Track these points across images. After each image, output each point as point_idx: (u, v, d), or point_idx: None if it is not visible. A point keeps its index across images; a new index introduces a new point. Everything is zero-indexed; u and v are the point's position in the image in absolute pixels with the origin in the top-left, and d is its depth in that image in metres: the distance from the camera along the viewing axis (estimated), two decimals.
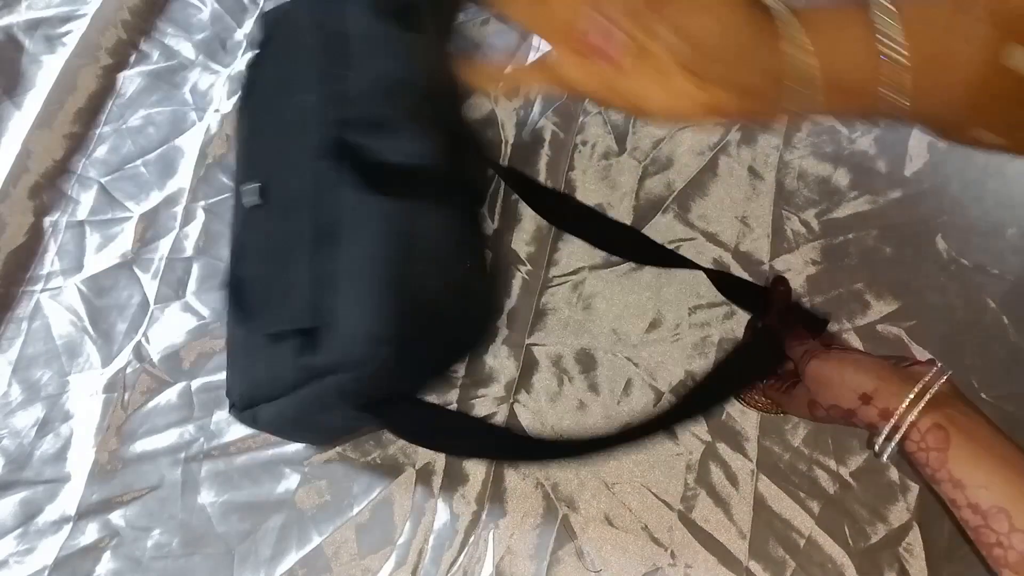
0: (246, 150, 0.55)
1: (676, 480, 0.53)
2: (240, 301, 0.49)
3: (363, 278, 0.45)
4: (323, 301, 0.45)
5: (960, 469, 0.39)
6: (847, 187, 0.61)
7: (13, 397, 0.59)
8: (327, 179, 0.48)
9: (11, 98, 0.69)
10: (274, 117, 0.53)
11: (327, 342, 0.44)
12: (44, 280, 0.62)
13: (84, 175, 0.66)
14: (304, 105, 0.50)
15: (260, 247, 0.49)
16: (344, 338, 0.44)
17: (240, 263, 0.50)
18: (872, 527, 0.52)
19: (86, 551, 0.54)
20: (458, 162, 0.51)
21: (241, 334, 0.49)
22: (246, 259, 0.50)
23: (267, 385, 0.47)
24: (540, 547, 0.52)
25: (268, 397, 0.46)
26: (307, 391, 0.45)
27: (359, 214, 0.47)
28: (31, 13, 0.72)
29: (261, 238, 0.50)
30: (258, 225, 0.50)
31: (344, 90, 0.50)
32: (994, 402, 0.54)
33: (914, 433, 0.40)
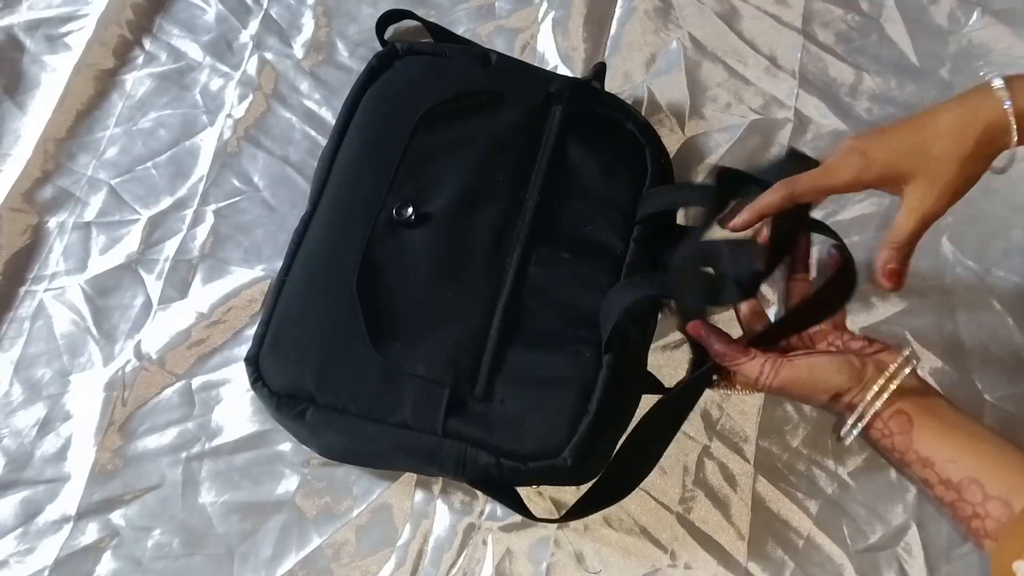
0: (407, 163, 0.54)
1: (674, 482, 0.54)
2: (374, 312, 0.48)
3: (576, 391, 0.46)
4: (518, 385, 0.47)
5: (927, 447, 0.39)
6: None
7: (14, 396, 0.59)
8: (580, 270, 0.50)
9: (13, 98, 0.69)
10: (461, 146, 0.54)
11: (493, 422, 0.46)
12: (48, 280, 0.63)
13: (94, 176, 0.66)
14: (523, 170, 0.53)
15: (413, 269, 0.50)
16: (535, 434, 0.46)
17: (378, 277, 0.50)
18: (871, 527, 0.52)
19: (86, 551, 0.54)
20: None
21: (356, 341, 0.48)
22: (388, 277, 0.50)
23: (369, 404, 0.47)
24: (539, 549, 0.52)
25: (363, 415, 0.47)
26: (429, 441, 0.46)
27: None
28: (32, 13, 0.72)
29: (413, 259, 0.50)
30: (411, 244, 0.51)
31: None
32: (997, 403, 0.54)
33: (877, 422, 0.41)
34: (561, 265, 0.51)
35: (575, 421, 0.46)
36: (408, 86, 0.58)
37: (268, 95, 0.69)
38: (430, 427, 0.46)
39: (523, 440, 0.46)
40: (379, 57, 0.59)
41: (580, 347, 0.48)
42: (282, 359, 0.50)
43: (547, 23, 0.70)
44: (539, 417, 0.46)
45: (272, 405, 0.49)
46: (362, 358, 0.48)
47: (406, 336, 0.48)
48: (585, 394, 0.46)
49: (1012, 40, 0.67)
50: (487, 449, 0.46)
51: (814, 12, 0.69)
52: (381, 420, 0.47)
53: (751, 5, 0.70)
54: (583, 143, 0.55)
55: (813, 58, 0.67)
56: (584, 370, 0.47)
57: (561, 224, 0.52)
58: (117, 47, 0.71)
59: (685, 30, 0.69)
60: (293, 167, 0.66)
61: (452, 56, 0.59)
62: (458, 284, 0.50)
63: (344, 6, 0.73)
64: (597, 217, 0.52)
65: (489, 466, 0.46)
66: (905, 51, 0.67)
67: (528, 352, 0.48)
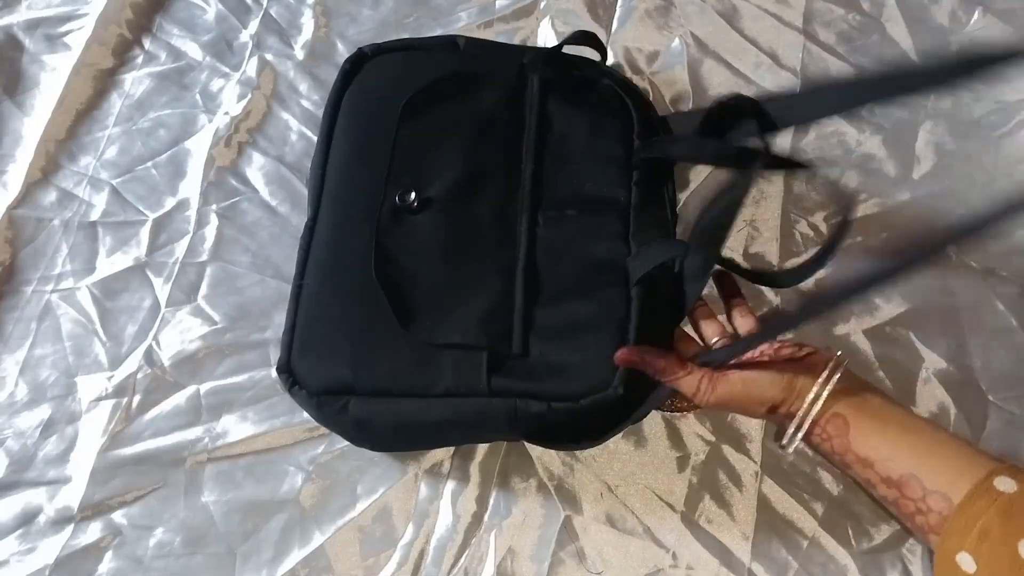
0: (401, 151, 0.54)
1: (679, 482, 0.53)
2: (397, 295, 0.49)
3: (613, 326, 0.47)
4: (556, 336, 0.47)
5: (864, 447, 0.40)
6: (855, 191, 0.61)
7: (19, 397, 0.58)
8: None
9: (12, 98, 0.69)
10: (452, 125, 0.54)
11: (537, 373, 0.46)
12: (55, 280, 0.62)
13: (95, 176, 0.66)
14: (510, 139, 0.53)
15: (425, 251, 0.50)
16: (581, 374, 0.46)
17: (393, 265, 0.50)
18: (875, 528, 0.52)
19: (88, 550, 0.53)
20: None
21: (384, 326, 0.48)
22: (403, 263, 0.50)
23: (410, 381, 0.47)
24: (542, 548, 0.52)
25: (406, 393, 0.47)
26: (477, 403, 0.46)
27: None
28: (31, 13, 0.72)
29: (423, 242, 0.51)
30: (419, 228, 0.51)
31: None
32: (1000, 403, 0.54)
33: (816, 428, 0.41)
34: (569, 222, 0.51)
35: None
36: (385, 82, 0.58)
37: (267, 95, 0.69)
38: (476, 389, 0.47)
39: (570, 382, 0.46)
40: (350, 61, 0.59)
41: (605, 290, 0.49)
42: (314, 359, 0.50)
43: (547, 23, 0.70)
44: (581, 358, 0.47)
45: (313, 406, 0.49)
46: (393, 341, 0.48)
47: (433, 314, 0.49)
48: (621, 329, 0.47)
49: (1013, 39, 0.67)
50: (536, 397, 0.46)
51: (815, 11, 0.69)
52: (425, 394, 0.47)
53: (752, 4, 0.70)
54: (566, 106, 0.56)
55: (814, 58, 0.67)
56: (614, 309, 0.48)
57: (561, 186, 0.53)
58: (117, 47, 0.71)
59: (687, 29, 0.69)
60: (290, 168, 0.66)
61: (421, 47, 0.59)
62: (473, 259, 0.50)
63: (344, 6, 0.73)
64: (594, 173, 0.53)
65: (542, 413, 0.46)
66: (906, 50, 0.67)
67: (556, 306, 0.49)
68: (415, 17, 0.72)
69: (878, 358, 0.56)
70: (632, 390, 0.46)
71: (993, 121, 0.64)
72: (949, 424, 0.54)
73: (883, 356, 0.56)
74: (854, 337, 0.57)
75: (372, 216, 0.51)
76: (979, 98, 0.65)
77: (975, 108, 0.65)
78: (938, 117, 0.64)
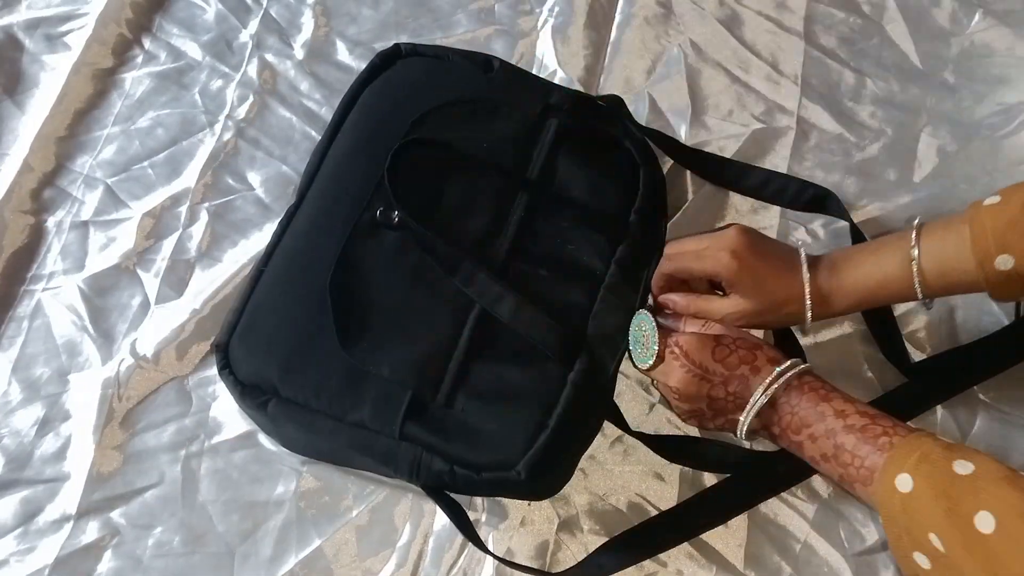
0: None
1: (671, 488, 0.54)
2: (345, 310, 0.49)
3: (538, 404, 0.47)
4: (479, 401, 0.47)
5: (808, 427, 0.44)
6: (856, 195, 0.62)
7: (13, 396, 0.59)
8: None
9: (12, 97, 0.69)
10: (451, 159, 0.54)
11: (451, 430, 0.46)
12: (45, 279, 0.63)
13: (91, 175, 0.66)
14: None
15: (389, 271, 0.50)
16: (491, 445, 0.46)
17: (353, 276, 0.50)
18: (868, 530, 0.52)
19: (87, 550, 0.54)
20: None
21: (325, 338, 0.48)
22: (364, 277, 0.50)
23: (330, 400, 0.48)
24: (539, 550, 0.53)
25: (322, 411, 0.47)
26: (384, 443, 0.47)
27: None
28: (31, 13, 0.72)
29: (390, 261, 0.50)
30: (390, 246, 0.51)
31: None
32: (992, 403, 0.54)
33: (772, 423, 0.45)
34: (537, 282, 0.51)
35: (533, 436, 0.46)
36: (407, 87, 0.58)
37: (267, 95, 0.69)
38: (387, 429, 0.47)
39: (478, 450, 0.46)
40: (382, 56, 0.59)
41: (545, 365, 0.48)
42: (250, 349, 0.50)
43: (547, 29, 0.70)
44: (497, 429, 0.46)
45: (236, 393, 0.50)
46: (329, 355, 0.48)
47: (375, 337, 0.49)
48: (547, 410, 0.47)
49: (1014, 41, 0.67)
50: (442, 456, 0.46)
51: (815, 16, 0.69)
52: (340, 418, 0.47)
53: (752, 10, 0.70)
54: (575, 159, 0.55)
55: (815, 62, 0.67)
56: (548, 386, 0.47)
57: (542, 241, 0.52)
58: (116, 46, 0.71)
59: (686, 36, 0.69)
60: (291, 167, 0.66)
61: (454, 60, 0.59)
62: (433, 292, 0.50)
63: (344, 6, 0.73)
64: (580, 237, 0.52)
65: (443, 473, 0.46)
66: (907, 53, 0.67)
67: (494, 365, 0.48)
68: (415, 18, 0.72)
69: (866, 358, 0.56)
70: (536, 476, 0.45)
71: (994, 123, 0.64)
72: (936, 423, 0.54)
73: (871, 356, 0.56)
74: (846, 337, 0.57)
75: (350, 221, 0.51)
76: (980, 100, 0.65)
77: (976, 110, 0.65)
78: (939, 119, 0.64)
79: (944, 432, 0.54)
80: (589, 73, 0.68)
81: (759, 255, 0.48)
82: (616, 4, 0.71)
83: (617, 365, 0.49)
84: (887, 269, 0.47)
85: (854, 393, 0.54)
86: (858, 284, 0.48)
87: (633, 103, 0.65)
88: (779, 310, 0.49)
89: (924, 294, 0.46)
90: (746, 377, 0.45)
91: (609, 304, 0.50)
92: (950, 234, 0.45)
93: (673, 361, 0.47)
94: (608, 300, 0.50)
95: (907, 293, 0.47)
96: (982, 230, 0.44)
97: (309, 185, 0.55)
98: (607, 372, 0.49)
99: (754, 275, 0.48)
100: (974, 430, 0.54)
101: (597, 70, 0.68)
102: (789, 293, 0.48)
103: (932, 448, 0.39)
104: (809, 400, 0.44)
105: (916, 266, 0.46)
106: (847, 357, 0.56)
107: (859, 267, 0.48)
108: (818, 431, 0.43)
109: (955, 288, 0.46)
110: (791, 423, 0.44)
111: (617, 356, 0.49)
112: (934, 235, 0.46)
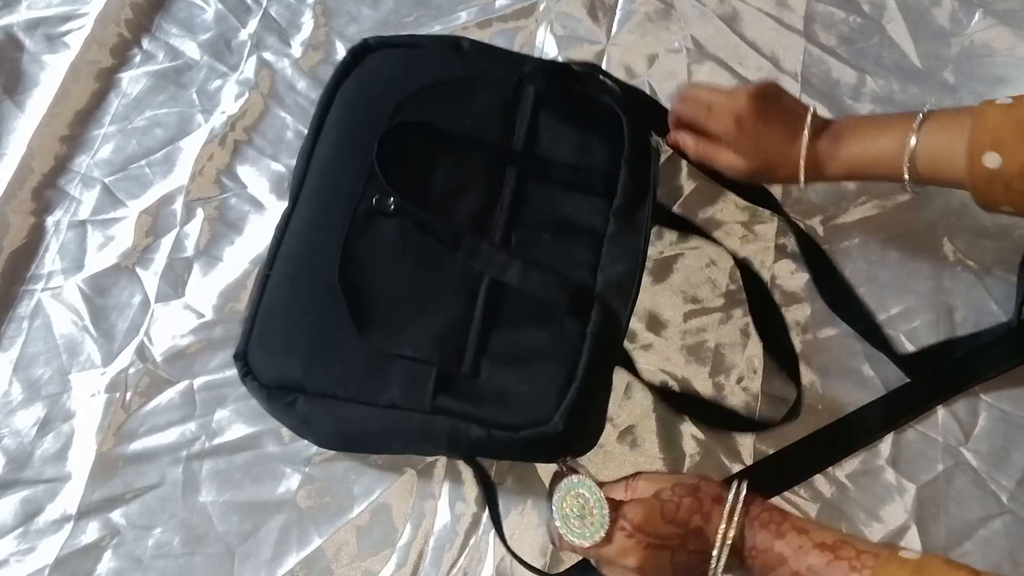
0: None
1: None
2: (358, 300, 0.49)
3: (568, 361, 0.47)
4: (504, 362, 0.47)
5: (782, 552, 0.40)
6: (855, 193, 0.62)
7: (14, 396, 0.59)
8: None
9: (12, 97, 0.69)
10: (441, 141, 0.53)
11: (482, 397, 0.46)
12: (45, 279, 0.63)
13: (88, 175, 0.66)
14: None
15: (394, 258, 0.50)
16: (524, 404, 0.46)
17: (360, 267, 0.50)
18: (869, 529, 0.52)
19: (87, 550, 0.54)
20: None
21: (342, 329, 0.48)
22: (371, 266, 0.50)
23: (357, 387, 0.48)
24: (540, 549, 0.52)
25: (352, 398, 0.48)
26: (419, 419, 0.47)
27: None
28: (31, 12, 0.72)
29: (393, 248, 0.50)
30: (390, 233, 0.51)
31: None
32: (993, 402, 0.54)
33: (747, 553, 0.41)
34: (541, 245, 0.51)
35: (563, 388, 0.46)
36: (382, 78, 0.58)
37: (265, 94, 0.69)
38: (420, 405, 0.47)
39: (513, 411, 0.46)
40: (352, 52, 0.59)
41: (563, 322, 0.48)
42: (270, 351, 0.50)
43: (546, 24, 0.70)
44: (527, 389, 0.47)
45: (263, 398, 0.49)
46: (348, 345, 0.48)
47: (391, 321, 0.49)
48: (572, 363, 0.47)
49: (1014, 41, 0.67)
50: (478, 422, 0.46)
51: (816, 14, 0.69)
52: (370, 402, 0.48)
53: (753, 7, 0.70)
54: (557, 122, 0.55)
55: (815, 60, 0.67)
56: (569, 341, 0.48)
57: (539, 206, 0.53)
58: (116, 46, 0.71)
59: (687, 31, 0.69)
60: (286, 166, 0.66)
61: (424, 46, 0.59)
62: (440, 270, 0.50)
63: (343, 6, 0.73)
64: (574, 196, 0.53)
65: (481, 439, 0.46)
66: (907, 52, 0.67)
67: (512, 330, 0.49)
68: (415, 16, 0.72)
69: (867, 357, 0.56)
70: (573, 427, 0.45)
71: None
72: (937, 423, 0.54)
73: (871, 355, 0.56)
74: (844, 337, 0.57)
75: (347, 214, 0.51)
76: (980, 100, 0.65)
77: None
78: None
79: (946, 432, 0.54)
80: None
81: (764, 120, 0.50)
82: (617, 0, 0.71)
83: (630, 312, 0.50)
84: (883, 145, 0.47)
85: (855, 393, 0.55)
86: (852, 155, 0.49)
87: None
88: (775, 171, 0.51)
89: (911, 178, 0.47)
90: (700, 528, 0.41)
91: (613, 255, 0.51)
92: (952, 123, 0.45)
93: (627, 539, 0.41)
94: (611, 251, 0.51)
95: (895, 174, 0.47)
96: (983, 123, 0.43)
97: (300, 187, 0.55)
98: (620, 319, 0.49)
99: (755, 139, 0.50)
100: (976, 430, 0.54)
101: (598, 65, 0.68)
102: (787, 158, 0.50)
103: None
104: (764, 537, 0.41)
105: (909, 149, 0.46)
106: (847, 356, 0.56)
107: (860, 140, 0.49)
108: (783, 573, 0.40)
109: (942, 179, 0.46)
110: (758, 560, 0.41)
111: (628, 303, 0.50)
112: (937, 121, 0.46)
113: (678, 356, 0.57)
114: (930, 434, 0.54)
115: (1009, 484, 0.52)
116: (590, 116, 0.56)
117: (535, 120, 0.55)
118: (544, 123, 0.55)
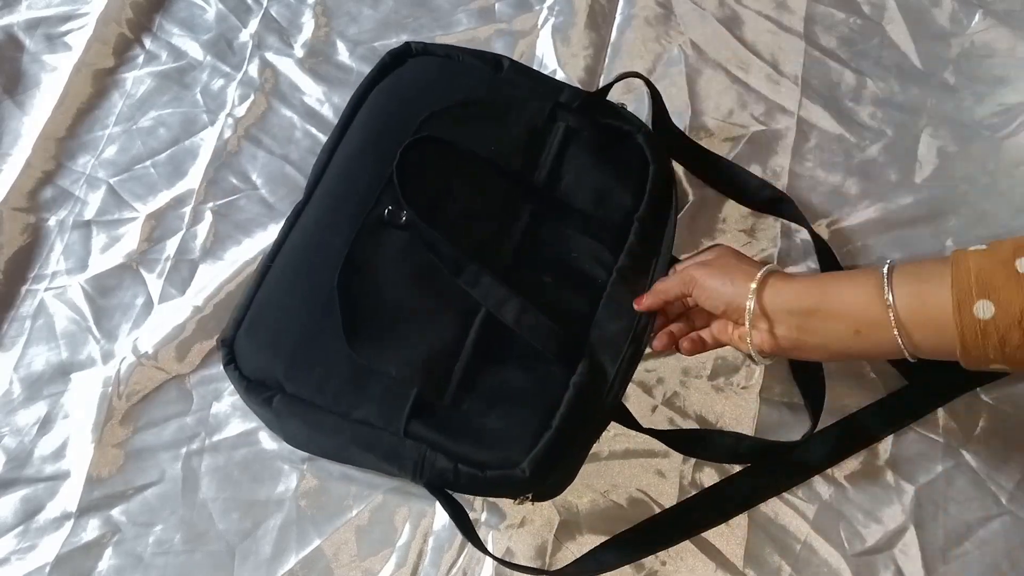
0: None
1: (671, 485, 0.54)
2: (353, 309, 0.49)
3: (542, 407, 0.47)
4: (485, 402, 0.47)
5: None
6: (857, 196, 0.62)
7: (15, 395, 0.59)
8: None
9: (12, 97, 0.69)
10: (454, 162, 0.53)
11: (456, 429, 0.46)
12: (48, 279, 0.63)
13: (93, 175, 0.66)
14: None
15: (396, 271, 0.50)
16: (496, 444, 0.46)
17: (360, 274, 0.50)
18: (867, 530, 0.52)
19: (87, 548, 0.54)
20: None
21: (331, 336, 0.48)
22: (371, 275, 0.50)
23: (335, 397, 0.48)
24: (538, 550, 0.53)
25: (327, 407, 0.48)
26: (389, 440, 0.47)
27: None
28: (31, 12, 0.73)
29: (397, 261, 0.50)
30: (396, 245, 0.51)
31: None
32: (994, 403, 0.54)
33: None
34: (541, 288, 0.51)
35: (537, 435, 0.46)
36: (416, 87, 0.58)
37: (268, 94, 0.69)
38: (392, 426, 0.47)
39: (483, 448, 0.46)
40: (392, 54, 0.59)
41: (549, 368, 0.48)
42: (256, 344, 0.50)
43: (547, 28, 0.70)
44: (502, 428, 0.46)
45: (241, 388, 0.50)
46: (335, 352, 0.48)
47: (381, 337, 0.49)
48: (550, 411, 0.47)
49: (1014, 41, 0.67)
50: (446, 454, 0.46)
51: (816, 16, 0.69)
52: (344, 414, 0.48)
53: (752, 10, 0.70)
54: (582, 165, 0.55)
55: (815, 63, 0.67)
56: (551, 389, 0.48)
57: (547, 247, 0.52)
58: (117, 46, 0.71)
59: (686, 36, 0.69)
60: (293, 165, 0.66)
61: (464, 60, 0.59)
62: (438, 293, 0.50)
63: (344, 6, 0.73)
64: (584, 244, 0.52)
65: (446, 471, 0.46)
66: (908, 53, 0.67)
67: (499, 367, 0.48)
68: (415, 18, 0.72)
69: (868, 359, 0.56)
70: (538, 475, 0.45)
71: (995, 123, 0.64)
72: (938, 424, 0.54)
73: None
74: None
75: (357, 220, 0.51)
76: (981, 101, 0.65)
77: (977, 110, 0.65)
78: (940, 120, 0.64)
79: (947, 434, 0.54)
80: (589, 73, 0.68)
81: (718, 268, 0.47)
82: (616, 4, 0.71)
83: (619, 369, 0.49)
84: (849, 301, 0.42)
85: (856, 393, 0.55)
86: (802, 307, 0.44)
87: (634, 103, 0.65)
88: (732, 318, 0.47)
89: (906, 348, 0.42)
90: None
91: (610, 311, 0.50)
92: (927, 272, 0.40)
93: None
94: (609, 307, 0.51)
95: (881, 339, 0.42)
96: (964, 271, 0.38)
97: (317, 182, 0.55)
98: (608, 376, 0.49)
99: (709, 289, 0.47)
100: (976, 431, 0.54)
101: (597, 70, 0.68)
102: (735, 302, 0.46)
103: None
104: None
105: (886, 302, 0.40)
106: None
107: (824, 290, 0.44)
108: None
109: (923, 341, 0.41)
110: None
111: (618, 361, 0.49)
112: (907, 273, 0.41)
113: (675, 361, 0.57)
114: (930, 435, 0.54)
115: (1008, 485, 0.52)
116: (617, 156, 0.55)
117: (560, 158, 0.55)
118: (569, 163, 0.55)
